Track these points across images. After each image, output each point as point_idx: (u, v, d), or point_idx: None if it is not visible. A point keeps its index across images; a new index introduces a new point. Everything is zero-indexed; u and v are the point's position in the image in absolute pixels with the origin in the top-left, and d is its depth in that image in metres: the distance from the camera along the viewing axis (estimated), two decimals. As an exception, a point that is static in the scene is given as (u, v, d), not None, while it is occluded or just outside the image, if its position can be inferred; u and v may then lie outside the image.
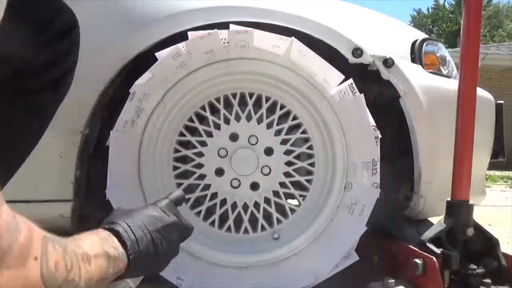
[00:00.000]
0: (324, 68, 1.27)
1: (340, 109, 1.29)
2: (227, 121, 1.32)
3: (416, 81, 1.36)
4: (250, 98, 1.32)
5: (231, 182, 1.32)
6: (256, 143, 1.32)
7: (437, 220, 1.33)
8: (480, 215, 3.15)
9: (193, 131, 1.35)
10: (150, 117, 1.26)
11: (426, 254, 1.22)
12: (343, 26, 1.35)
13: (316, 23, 1.32)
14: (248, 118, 1.32)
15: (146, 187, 1.28)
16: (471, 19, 1.29)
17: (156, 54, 1.22)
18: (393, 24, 1.59)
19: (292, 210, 1.36)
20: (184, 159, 1.37)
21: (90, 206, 1.36)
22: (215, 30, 1.22)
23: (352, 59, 1.32)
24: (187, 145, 1.36)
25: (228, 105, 1.33)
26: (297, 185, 1.37)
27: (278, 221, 1.35)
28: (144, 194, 1.28)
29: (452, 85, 1.43)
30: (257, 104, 1.33)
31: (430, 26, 26.56)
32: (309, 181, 1.36)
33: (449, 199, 1.30)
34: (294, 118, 1.34)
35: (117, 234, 0.61)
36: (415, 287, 1.24)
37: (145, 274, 0.71)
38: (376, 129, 1.27)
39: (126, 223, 0.64)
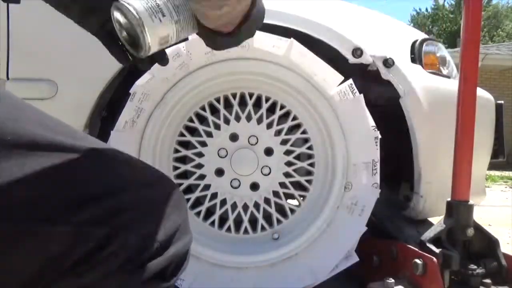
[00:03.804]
0: (324, 68, 1.27)
1: (340, 109, 1.29)
2: (227, 121, 1.32)
3: (416, 81, 1.36)
4: (250, 98, 1.32)
5: (231, 182, 1.32)
6: (256, 143, 1.32)
7: (437, 220, 1.34)
8: (480, 215, 3.15)
9: (193, 131, 1.35)
10: (150, 117, 1.26)
11: (426, 254, 1.22)
12: (343, 26, 1.35)
13: (316, 23, 1.32)
14: (248, 118, 1.32)
15: (146, 187, 1.28)
16: (471, 19, 1.29)
17: (156, 54, 1.22)
18: (393, 24, 1.59)
19: (292, 211, 1.36)
20: (184, 159, 1.37)
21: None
22: (215, 30, 1.22)
23: (352, 59, 1.32)
24: (187, 145, 1.36)
25: (228, 105, 1.33)
26: (297, 185, 1.37)
27: (278, 221, 1.35)
28: (144, 194, 1.27)
29: (452, 85, 1.43)
30: (257, 104, 1.33)
31: (430, 26, 26.54)
32: (309, 181, 1.36)
33: (449, 199, 1.30)
34: (294, 118, 1.34)
35: None
36: (415, 287, 1.24)
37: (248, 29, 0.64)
38: (376, 129, 1.28)
39: None
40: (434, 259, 1.19)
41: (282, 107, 1.33)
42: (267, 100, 1.33)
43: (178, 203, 0.49)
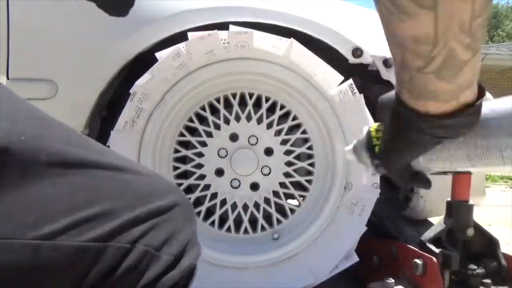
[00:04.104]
0: (324, 68, 1.27)
1: (340, 109, 1.29)
2: (227, 121, 1.32)
3: (416, 81, 1.36)
4: (250, 98, 1.32)
5: (231, 182, 1.32)
6: (256, 143, 1.32)
7: (437, 220, 1.34)
8: (480, 215, 3.15)
9: (193, 131, 1.35)
10: (150, 117, 1.26)
11: (426, 254, 1.22)
12: (343, 26, 1.35)
13: (316, 23, 1.32)
14: (248, 118, 1.32)
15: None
16: (471, 19, 1.29)
17: (156, 54, 1.22)
18: (393, 24, 1.59)
19: (292, 210, 1.36)
20: (184, 159, 1.37)
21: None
22: (215, 30, 1.22)
23: (352, 59, 1.32)
24: (187, 145, 1.36)
25: (228, 105, 1.33)
26: (297, 185, 1.37)
27: (278, 221, 1.35)
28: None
29: (452, 85, 1.43)
30: (257, 104, 1.34)
31: (430, 26, 26.46)
32: (309, 181, 1.36)
33: (449, 199, 1.30)
34: (294, 118, 1.34)
35: None
36: (415, 287, 1.24)
37: None
38: (376, 129, 1.27)
39: None
40: (434, 259, 1.19)
41: (282, 107, 1.33)
42: (267, 100, 1.33)
43: (189, 215, 0.50)
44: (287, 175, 1.34)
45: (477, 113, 0.47)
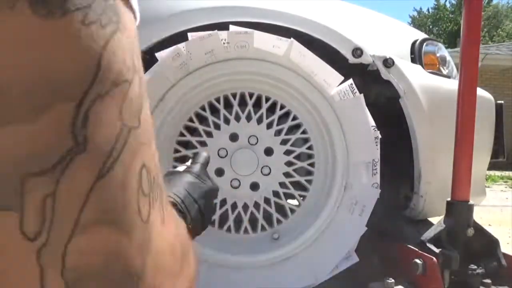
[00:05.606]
0: (324, 68, 1.27)
1: (340, 109, 1.29)
2: (227, 121, 1.32)
3: (416, 81, 1.36)
4: (250, 98, 1.32)
5: (231, 182, 1.32)
6: (256, 143, 1.32)
7: (437, 220, 1.34)
8: (480, 215, 3.15)
9: (193, 131, 1.35)
10: (150, 117, 1.25)
11: (426, 254, 1.22)
12: (343, 27, 1.35)
13: (316, 23, 1.32)
14: (248, 118, 1.32)
15: (146, 187, 1.27)
16: (471, 19, 1.29)
17: (156, 54, 1.22)
18: (393, 24, 1.59)
19: (292, 210, 1.36)
20: (184, 159, 1.37)
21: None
22: (215, 31, 1.22)
23: (352, 59, 1.32)
24: (187, 145, 1.36)
25: (228, 105, 1.33)
26: (297, 185, 1.37)
27: (278, 221, 1.35)
28: (144, 194, 1.27)
29: (452, 85, 1.43)
30: (257, 104, 1.33)
31: (430, 26, 26.52)
32: (309, 181, 1.36)
33: (449, 199, 1.30)
34: (294, 118, 1.34)
35: (175, 206, 0.62)
36: (415, 287, 1.24)
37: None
38: (376, 129, 1.28)
39: (176, 195, 0.65)
40: (434, 259, 1.19)
41: (282, 107, 1.33)
42: (267, 100, 1.33)
43: None
44: (287, 175, 1.34)
45: None
